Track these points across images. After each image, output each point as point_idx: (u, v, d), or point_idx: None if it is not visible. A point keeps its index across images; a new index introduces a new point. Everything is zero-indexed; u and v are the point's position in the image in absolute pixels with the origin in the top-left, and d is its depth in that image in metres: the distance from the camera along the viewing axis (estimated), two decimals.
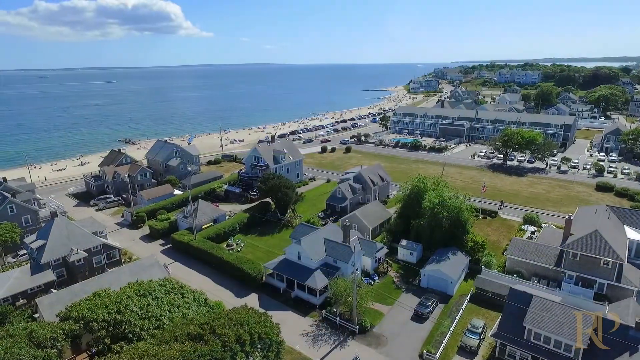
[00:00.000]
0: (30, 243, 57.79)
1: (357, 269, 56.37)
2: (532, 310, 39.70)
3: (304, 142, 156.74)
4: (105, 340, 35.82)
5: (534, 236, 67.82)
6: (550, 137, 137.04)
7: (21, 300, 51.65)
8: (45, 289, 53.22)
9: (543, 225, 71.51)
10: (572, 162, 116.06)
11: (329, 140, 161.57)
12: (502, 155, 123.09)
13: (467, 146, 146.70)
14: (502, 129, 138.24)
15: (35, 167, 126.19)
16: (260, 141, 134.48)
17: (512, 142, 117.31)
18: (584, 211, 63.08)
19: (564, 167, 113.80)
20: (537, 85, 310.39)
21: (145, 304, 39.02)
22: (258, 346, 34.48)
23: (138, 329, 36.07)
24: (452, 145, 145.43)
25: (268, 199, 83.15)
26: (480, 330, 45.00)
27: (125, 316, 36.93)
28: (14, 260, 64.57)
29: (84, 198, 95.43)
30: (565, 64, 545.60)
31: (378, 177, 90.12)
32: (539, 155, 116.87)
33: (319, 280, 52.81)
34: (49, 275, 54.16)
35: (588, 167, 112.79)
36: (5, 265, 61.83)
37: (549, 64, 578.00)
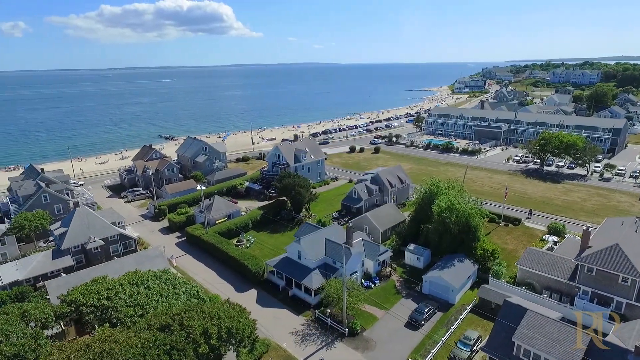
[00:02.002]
0: (55, 230, 62.61)
1: (356, 271, 55.91)
2: (524, 325, 37.21)
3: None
4: (94, 323, 38.14)
5: (555, 247, 63.40)
6: (596, 141, 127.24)
7: (42, 282, 55.94)
8: (64, 272, 57.26)
9: (567, 235, 66.67)
10: (618, 169, 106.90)
11: (384, 137, 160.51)
12: (538, 160, 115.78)
13: (502, 149, 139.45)
14: (542, 131, 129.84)
15: (80, 160, 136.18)
16: (283, 140, 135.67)
17: (549, 146, 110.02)
18: (611, 222, 58.13)
19: (607, 175, 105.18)
20: (593, 86, 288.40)
21: (134, 293, 41.01)
22: (232, 340, 35.09)
23: (122, 316, 38.01)
24: (487, 148, 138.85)
25: (284, 197, 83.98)
26: (472, 342, 42.87)
27: (113, 302, 39.04)
28: (45, 245, 70.07)
29: (117, 190, 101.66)
30: (633, 62, 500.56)
31: (397, 178, 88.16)
32: (580, 161, 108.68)
33: (315, 280, 52.73)
34: (67, 260, 58.26)
35: (636, 174, 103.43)
36: (36, 250, 67.23)
37: (612, 62, 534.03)
